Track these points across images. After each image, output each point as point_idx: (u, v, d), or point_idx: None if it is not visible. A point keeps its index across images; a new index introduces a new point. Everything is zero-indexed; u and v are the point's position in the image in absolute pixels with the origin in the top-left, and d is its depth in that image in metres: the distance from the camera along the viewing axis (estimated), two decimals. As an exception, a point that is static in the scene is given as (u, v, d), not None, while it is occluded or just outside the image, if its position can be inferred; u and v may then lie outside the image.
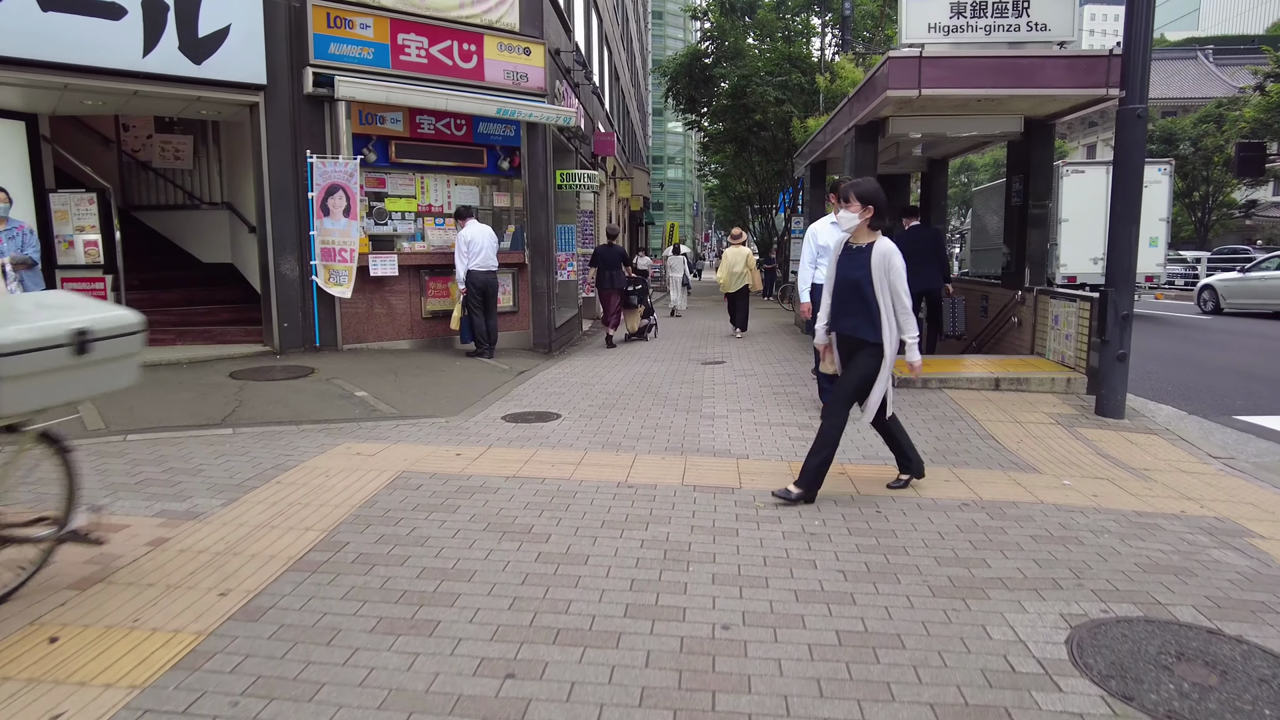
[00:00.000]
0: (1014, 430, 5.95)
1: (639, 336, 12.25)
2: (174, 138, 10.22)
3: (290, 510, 3.96)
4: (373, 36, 8.53)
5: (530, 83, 9.73)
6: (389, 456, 5.00)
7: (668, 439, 5.61)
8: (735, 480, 4.56)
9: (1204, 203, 34.58)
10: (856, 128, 8.52)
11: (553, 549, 3.48)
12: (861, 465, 4.96)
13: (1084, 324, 7.22)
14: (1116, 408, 6.37)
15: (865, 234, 4.14)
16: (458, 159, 9.50)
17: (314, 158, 8.32)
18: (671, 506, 4.07)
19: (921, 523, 3.93)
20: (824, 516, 3.97)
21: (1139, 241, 6.28)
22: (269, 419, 5.94)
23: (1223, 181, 33.33)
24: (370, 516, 3.88)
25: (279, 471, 4.62)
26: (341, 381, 7.23)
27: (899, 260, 4.05)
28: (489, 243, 8.79)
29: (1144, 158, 6.11)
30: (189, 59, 7.41)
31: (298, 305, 8.56)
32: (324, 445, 5.27)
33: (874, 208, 4.07)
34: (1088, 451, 5.45)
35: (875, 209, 4.07)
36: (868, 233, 4.13)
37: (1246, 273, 17.37)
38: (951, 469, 4.94)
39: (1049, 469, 4.99)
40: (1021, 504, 4.26)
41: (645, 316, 12.35)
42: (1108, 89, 6.67)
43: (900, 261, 4.05)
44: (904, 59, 6.90)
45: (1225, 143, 31.17)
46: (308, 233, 8.43)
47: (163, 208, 10.54)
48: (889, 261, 4.03)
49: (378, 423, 5.98)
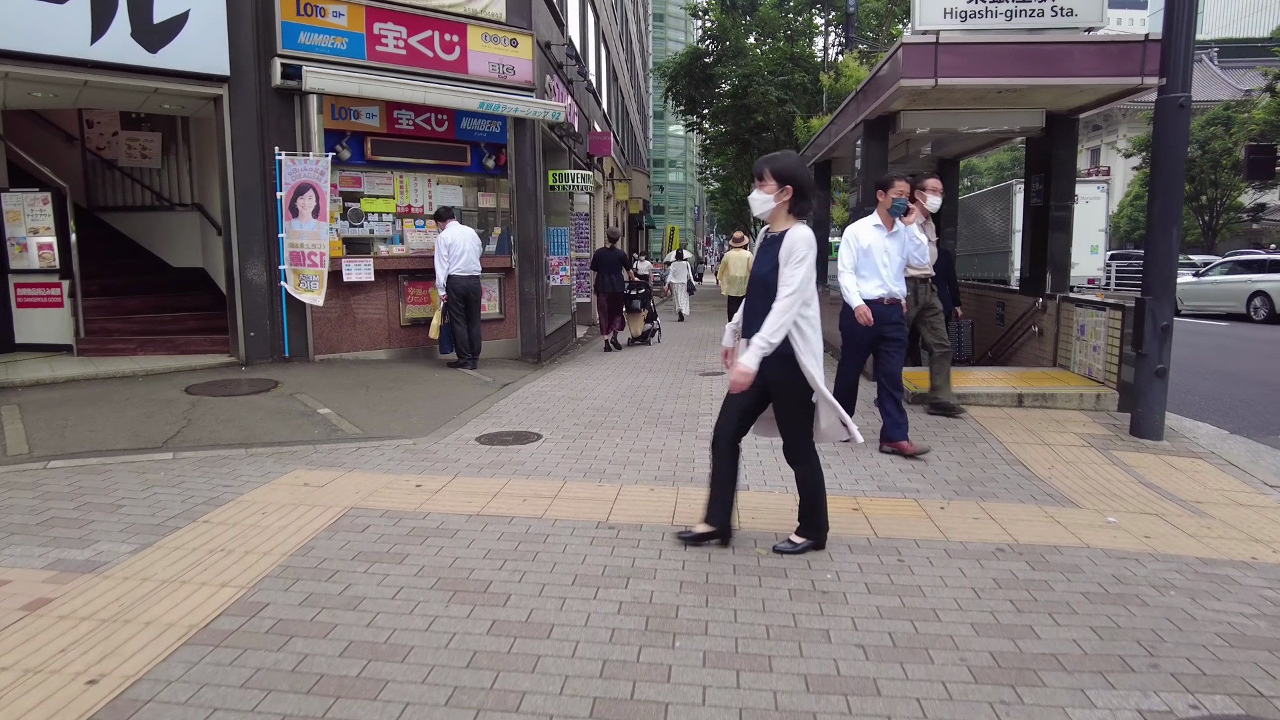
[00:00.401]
0: (1043, 454, 5.35)
1: (643, 340, 12.15)
2: (141, 135, 9.65)
3: (210, 559, 3.36)
4: (346, 25, 7.96)
5: (517, 76, 9.16)
6: (340, 488, 4.41)
7: (658, 465, 5.02)
8: (734, 517, 3.96)
9: (1211, 206, 33.96)
10: (865, 123, 7.94)
11: (510, 615, 2.89)
12: (878, 499, 4.37)
13: (1114, 334, 6.63)
14: (1154, 428, 5.78)
15: (783, 220, 3.37)
16: (439, 156, 8.92)
17: (282, 155, 7.74)
18: (658, 555, 3.47)
19: (952, 575, 3.33)
20: (837, 567, 3.38)
21: (1178, 246, 5.69)
22: (216, 441, 5.35)
23: (1230, 185, 32.72)
24: (301, 568, 3.29)
25: (210, 507, 4.04)
26: (306, 397, 6.65)
27: (805, 248, 3.22)
28: (471, 246, 8.21)
29: (1186, 153, 5.51)
30: (143, 47, 6.84)
31: (265, 313, 7.98)
32: (270, 474, 4.68)
33: (793, 188, 3.32)
34: (1128, 480, 4.86)
35: (795, 189, 3.32)
36: (785, 218, 3.36)
37: (1200, 277, 18.19)
38: (979, 502, 4.34)
39: (1088, 502, 4.39)
40: (1064, 549, 3.66)
41: (649, 320, 12.24)
42: (1143, 77, 6.08)
43: (805, 250, 3.22)
44: (919, 45, 6.32)
45: (1233, 145, 30.58)
46: (276, 235, 7.85)
47: (130, 209, 9.96)
48: (791, 249, 3.23)
49: (337, 445, 5.39)
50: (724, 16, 23.26)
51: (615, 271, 11.46)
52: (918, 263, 5.62)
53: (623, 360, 10.35)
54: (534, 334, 9.66)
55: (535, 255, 9.63)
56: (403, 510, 4.04)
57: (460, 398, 7.00)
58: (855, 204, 8.90)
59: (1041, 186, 7.94)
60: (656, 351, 11.46)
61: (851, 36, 19.61)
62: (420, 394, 7.04)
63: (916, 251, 5.44)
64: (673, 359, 10.36)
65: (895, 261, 5.25)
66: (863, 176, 8.20)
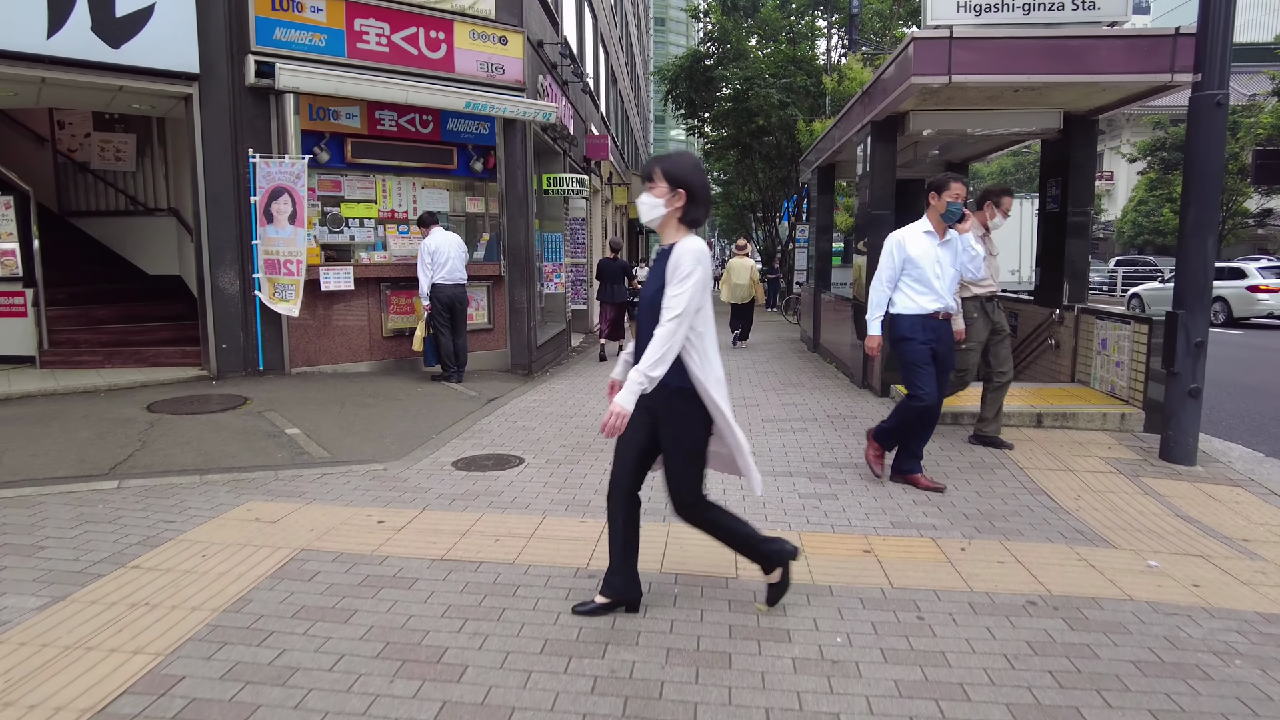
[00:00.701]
0: (1068, 482, 4.92)
1: None
2: (114, 136, 9.25)
3: (129, 617, 2.93)
4: (325, 21, 7.56)
5: (507, 75, 8.75)
6: (294, 525, 3.97)
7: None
8: (730, 564, 3.53)
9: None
10: (873, 124, 7.52)
11: (464, 695, 2.45)
12: (891, 538, 3.93)
13: (1139, 349, 6.20)
14: (1187, 453, 5.34)
15: (673, 230, 2.85)
16: (424, 159, 8.50)
17: (256, 157, 7.33)
18: (643, 613, 3.04)
19: (979, 637, 2.89)
20: (848, 628, 2.94)
21: (1214, 255, 5.25)
22: (170, 467, 4.92)
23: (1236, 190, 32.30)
24: (231, 629, 2.85)
25: (145, 549, 3.60)
26: (275, 415, 6.22)
27: (691, 263, 2.69)
28: (456, 253, 7.79)
29: (1223, 154, 5.08)
30: (105, 42, 6.43)
31: (239, 323, 7.56)
32: (220, 506, 4.25)
33: (686, 193, 2.80)
34: (1164, 513, 4.42)
35: (689, 194, 2.80)
36: (676, 228, 2.85)
37: (1165, 282, 19.16)
38: (1003, 541, 3.90)
39: (1123, 540, 3.96)
40: (1104, 601, 3.22)
41: None
42: (1173, 74, 5.66)
43: (691, 265, 2.69)
44: (931, 40, 5.90)
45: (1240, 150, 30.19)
46: (250, 242, 7.43)
47: (103, 213, 9.55)
48: (676, 264, 2.72)
49: (301, 470, 4.96)
50: (725, 18, 22.82)
51: (618, 281, 11.42)
52: (972, 276, 5.08)
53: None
54: (524, 345, 9.23)
55: (526, 262, 9.21)
56: (359, 553, 3.60)
57: (441, 415, 6.57)
58: (861, 205, 8.48)
59: (1058, 191, 7.51)
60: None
61: (855, 38, 19.20)
62: (398, 411, 6.61)
63: (971, 264, 4.90)
64: (670, 370, 9.92)
65: (949, 273, 4.65)
66: (870, 180, 7.78)
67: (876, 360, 7.55)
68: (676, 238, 2.83)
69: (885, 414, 6.76)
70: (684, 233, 2.85)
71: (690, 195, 2.80)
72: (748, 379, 9.01)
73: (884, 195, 7.71)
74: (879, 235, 7.76)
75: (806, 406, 7.21)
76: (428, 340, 7.94)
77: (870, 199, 7.76)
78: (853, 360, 8.59)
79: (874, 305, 4.68)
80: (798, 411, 6.98)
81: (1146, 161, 33.08)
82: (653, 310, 2.77)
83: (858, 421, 6.52)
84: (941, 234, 4.63)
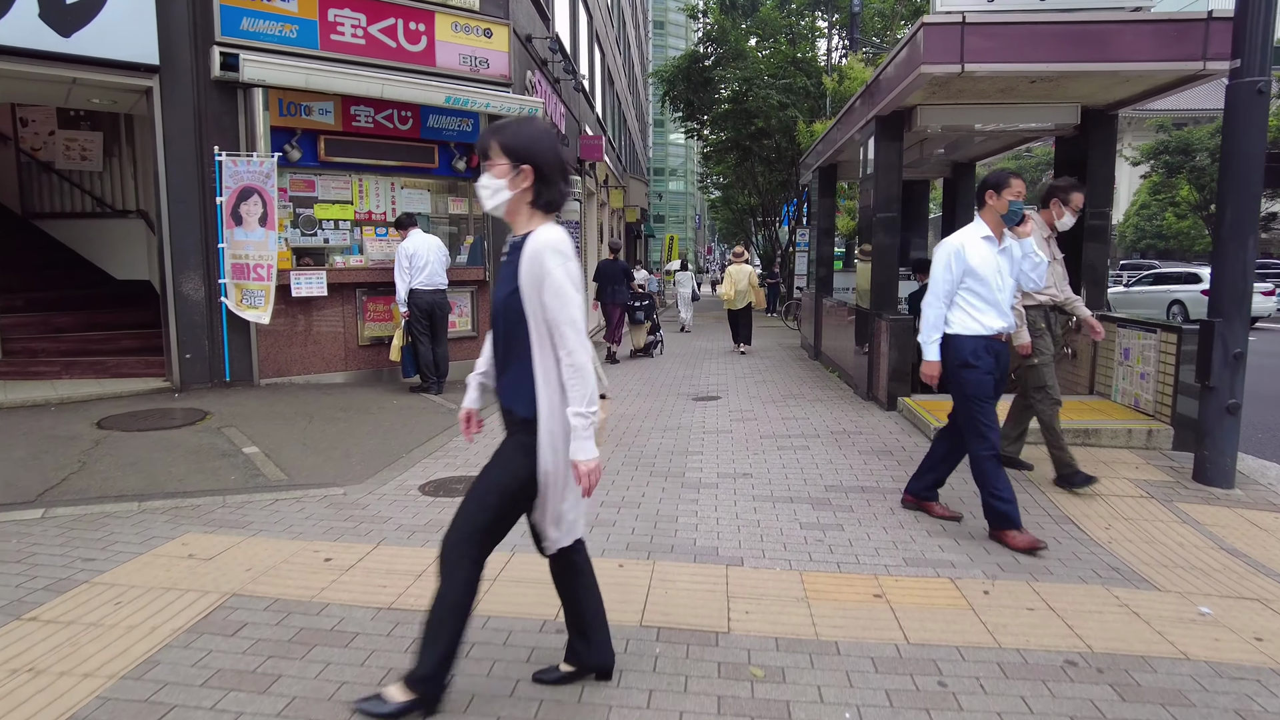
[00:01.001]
0: (1096, 508, 4.46)
1: (645, 353, 12.00)
2: (80, 134, 8.81)
3: (6, 687, 2.47)
4: (296, 11, 7.13)
5: (491, 69, 8.32)
6: (230, 563, 3.52)
7: (633, 525, 4.12)
8: (722, 614, 3.07)
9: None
10: (877, 119, 7.07)
11: (389, 801, 1.99)
12: (904, 578, 3.47)
13: (1166, 360, 5.74)
14: (1224, 474, 4.88)
15: (524, 217, 2.29)
16: (403, 158, 8.06)
17: (223, 155, 6.89)
18: (616, 680, 2.57)
19: (1013, 711, 2.43)
20: (859, 698, 2.48)
21: (1255, 258, 4.80)
22: (106, 492, 4.47)
23: (1243, 193, 31.85)
24: (124, 703, 2.39)
25: (51, 594, 3.15)
26: (235, 431, 5.77)
27: (555, 263, 2.14)
28: (436, 256, 7.35)
29: (1264, 148, 4.64)
30: (54, 30, 6.00)
31: (204, 332, 7.11)
32: (153, 539, 3.80)
33: (533, 169, 2.23)
34: (1206, 545, 3.97)
35: (537, 171, 2.23)
36: (528, 215, 2.28)
37: (1130, 287, 20.48)
38: (1031, 582, 3.45)
39: (1166, 579, 3.50)
40: (1156, 661, 2.77)
41: (652, 333, 12.13)
42: (1205, 61, 5.21)
43: (555, 265, 2.14)
44: (942, 26, 5.46)
45: (1246, 152, 29.77)
46: (216, 245, 6.99)
47: (69, 215, 9.11)
48: (542, 266, 2.14)
49: (253, 495, 4.51)
50: (723, 18, 22.44)
51: (618, 283, 11.34)
52: (1033, 286, 4.39)
53: (613, 378, 9.48)
54: (511, 353, 8.77)
55: (512, 267, 8.75)
56: (296, 599, 3.14)
57: (415, 431, 6.11)
58: (865, 207, 8.04)
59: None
60: (651, 368, 10.61)
61: (856, 38, 18.78)
62: (369, 427, 6.15)
63: (1034, 272, 4.22)
64: (666, 379, 9.47)
65: (1009, 285, 4.00)
66: (874, 180, 7.34)
67: (882, 367, 7.12)
68: (531, 226, 2.26)
69: (892, 429, 6.34)
70: (538, 219, 2.28)
71: (538, 172, 2.23)
72: (745, 389, 8.56)
73: (889, 196, 7.26)
74: (884, 239, 7.34)
75: (808, 421, 6.75)
76: (406, 349, 7.49)
77: (875, 200, 7.32)
78: (856, 369, 8.14)
79: (930, 325, 3.95)
80: (798, 426, 6.52)
81: (1150, 165, 32.69)
82: (506, 319, 2.24)
83: (862, 438, 6.07)
84: (1000, 239, 3.99)
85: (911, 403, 6.67)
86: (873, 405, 7.34)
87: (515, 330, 2.23)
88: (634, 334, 12.07)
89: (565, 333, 2.15)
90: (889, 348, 6.97)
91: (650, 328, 12.11)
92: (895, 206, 7.31)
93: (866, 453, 5.62)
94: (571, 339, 2.15)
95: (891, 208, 7.28)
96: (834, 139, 9.89)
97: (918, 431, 6.22)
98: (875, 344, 7.43)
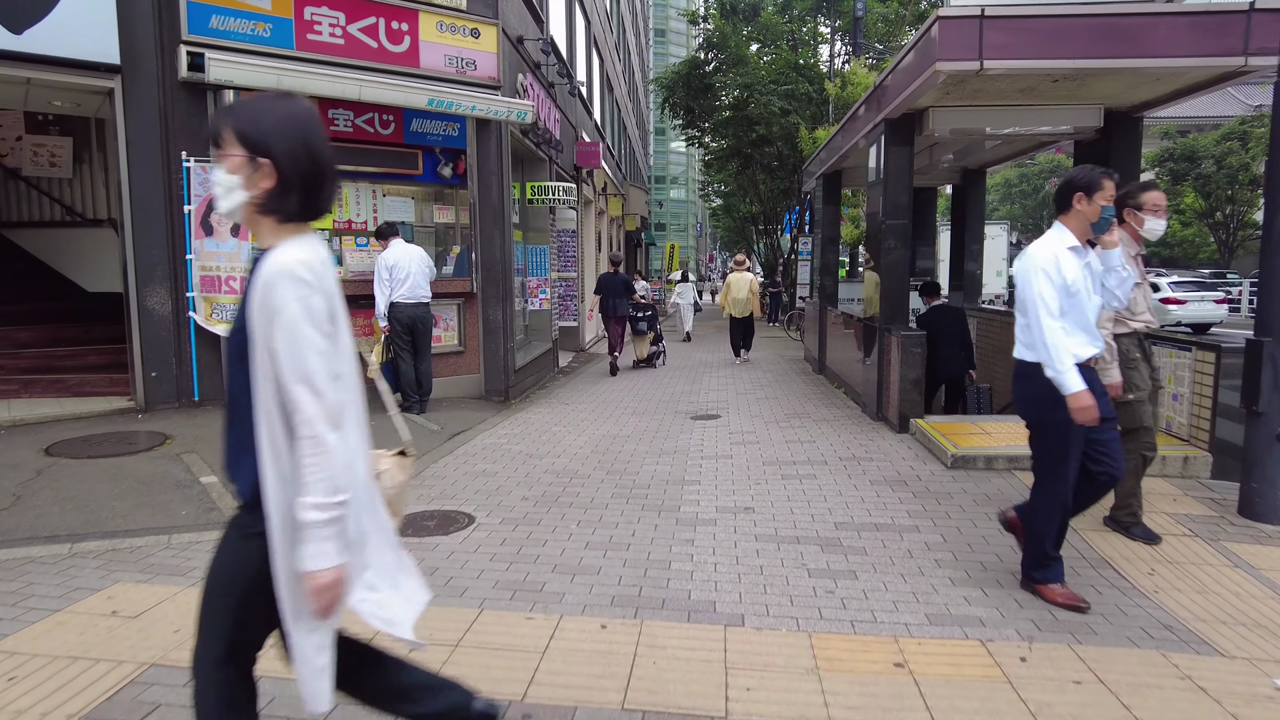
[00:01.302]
0: (1137, 550, 4.01)
1: (648, 364, 11.96)
2: (48, 140, 8.41)
3: None
4: (270, 9, 6.72)
5: (479, 71, 7.91)
6: (158, 620, 3.08)
7: (620, 573, 3.68)
8: (719, 691, 2.62)
9: (1228, 224, 32.65)
10: (887, 122, 6.65)
11: None
12: (928, 640, 3.02)
13: (1203, 380, 5.30)
14: (1274, 509, 4.42)
15: (268, 229, 1.69)
16: (385, 164, 7.64)
17: (191, 161, 6.49)
18: (587, 789, 2.13)
19: (1076, 833, 1.98)
20: (884, 818, 2.03)
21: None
22: (36, 532, 4.03)
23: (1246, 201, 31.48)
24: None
25: (-62, 666, 2.71)
26: (194, 458, 5.33)
27: (299, 300, 1.56)
28: (418, 267, 6.92)
29: (1318, 149, 4.20)
30: (3, 26, 5.60)
31: (170, 348, 6.68)
32: (77, 591, 3.36)
33: (274, 164, 1.64)
34: (1265, 593, 3.52)
35: (279, 167, 1.64)
36: (269, 227, 1.69)
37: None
38: (1074, 646, 2.99)
39: (1228, 641, 3.05)
40: (1236, 755, 2.31)
41: (654, 344, 12.11)
42: (1247, 56, 4.78)
43: (301, 305, 1.56)
44: (959, 19, 5.04)
45: (1251, 160, 29.42)
46: (184, 256, 6.57)
47: (37, 224, 8.70)
48: (274, 298, 1.57)
49: (202, 534, 4.07)
50: (724, 23, 22.10)
51: (620, 295, 11.24)
52: (1117, 304, 3.67)
53: (609, 393, 9.04)
54: (500, 368, 8.35)
55: (502, 278, 8.34)
56: (222, 673, 2.70)
57: (390, 457, 5.66)
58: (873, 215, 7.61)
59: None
60: (650, 381, 10.20)
61: (859, 43, 18.42)
62: (341, 452, 5.71)
63: (1119, 288, 3.53)
64: (665, 393, 9.03)
65: (1096, 303, 3.41)
66: (883, 186, 6.91)
67: (893, 386, 6.67)
68: (272, 241, 1.68)
69: (905, 454, 5.89)
70: (279, 232, 1.68)
71: (280, 170, 1.64)
72: (747, 406, 8.11)
73: (900, 203, 6.83)
74: (894, 247, 6.90)
75: (814, 444, 6.29)
76: (386, 365, 7.05)
77: (884, 207, 6.89)
78: (864, 387, 7.69)
79: (1061, 351, 3.16)
80: (804, 451, 6.07)
81: (1154, 172, 32.32)
82: (230, 363, 1.69)
83: (873, 465, 5.62)
84: (1085, 248, 3.40)
85: (925, 425, 6.22)
86: (883, 427, 6.89)
87: (237, 379, 1.66)
88: (637, 345, 12.06)
89: (298, 395, 1.56)
90: (901, 365, 6.52)
91: (653, 338, 12.09)
92: (906, 213, 6.88)
93: (879, 482, 5.16)
94: (307, 404, 1.56)
95: (902, 215, 6.85)
96: (838, 145, 9.47)
97: (933, 458, 5.76)
98: (885, 360, 6.98)
